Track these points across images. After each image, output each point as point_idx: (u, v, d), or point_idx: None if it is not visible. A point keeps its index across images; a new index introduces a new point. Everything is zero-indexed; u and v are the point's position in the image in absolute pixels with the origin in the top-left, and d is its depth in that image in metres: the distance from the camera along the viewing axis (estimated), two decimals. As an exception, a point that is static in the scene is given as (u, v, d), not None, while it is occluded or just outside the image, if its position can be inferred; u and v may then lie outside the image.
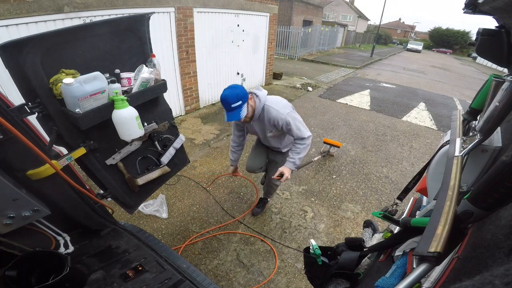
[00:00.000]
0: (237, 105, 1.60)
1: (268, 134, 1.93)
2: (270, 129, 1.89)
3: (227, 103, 1.59)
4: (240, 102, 1.61)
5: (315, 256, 1.14)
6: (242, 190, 3.04)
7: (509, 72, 1.04)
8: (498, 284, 0.19)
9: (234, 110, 1.61)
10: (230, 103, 1.59)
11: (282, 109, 1.80)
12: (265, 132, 1.92)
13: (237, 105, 1.60)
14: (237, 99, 1.60)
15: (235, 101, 1.59)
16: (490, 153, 0.86)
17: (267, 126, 1.88)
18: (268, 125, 1.87)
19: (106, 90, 1.32)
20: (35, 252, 1.20)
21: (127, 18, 1.57)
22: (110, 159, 1.55)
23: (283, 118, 1.79)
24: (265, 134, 1.94)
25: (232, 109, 1.60)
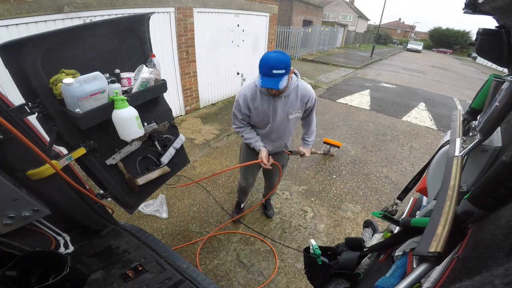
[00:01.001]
0: (280, 73, 1.40)
1: (291, 115, 1.75)
2: (296, 108, 1.73)
3: (270, 66, 1.39)
4: (284, 71, 1.40)
5: (315, 256, 1.14)
6: (242, 190, 3.04)
7: (509, 72, 1.04)
8: (498, 284, 0.19)
9: (274, 77, 1.41)
10: (272, 67, 1.38)
11: None
12: (287, 113, 1.73)
13: (280, 73, 1.40)
14: (282, 66, 1.39)
15: (280, 68, 1.39)
16: (490, 153, 0.86)
17: (294, 105, 1.71)
18: (296, 103, 1.71)
19: (106, 90, 1.32)
20: (35, 252, 1.20)
21: (127, 18, 1.57)
22: (110, 159, 1.55)
23: (314, 95, 1.76)
24: (286, 117, 1.74)
25: (272, 75, 1.40)
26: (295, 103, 1.71)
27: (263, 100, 1.67)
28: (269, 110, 1.69)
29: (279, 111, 1.71)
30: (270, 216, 2.59)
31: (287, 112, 1.72)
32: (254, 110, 1.73)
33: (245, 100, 1.70)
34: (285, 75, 1.43)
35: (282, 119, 1.75)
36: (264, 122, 1.78)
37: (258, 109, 1.71)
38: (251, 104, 1.70)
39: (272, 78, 1.41)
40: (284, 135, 1.89)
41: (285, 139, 1.93)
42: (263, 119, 1.76)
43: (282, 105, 1.69)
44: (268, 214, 2.61)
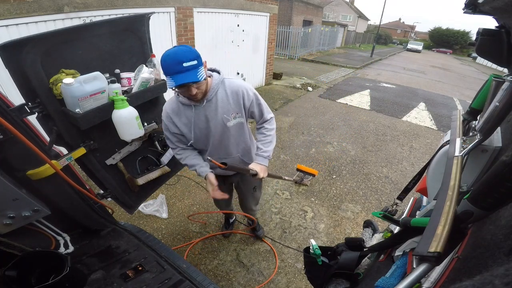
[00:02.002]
0: (192, 64, 1.10)
1: (230, 122, 1.36)
2: (232, 111, 1.35)
3: (177, 60, 1.08)
4: (196, 62, 1.11)
5: (315, 256, 1.14)
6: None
7: (509, 72, 1.04)
8: (498, 284, 0.19)
9: (189, 71, 1.11)
10: (181, 61, 1.08)
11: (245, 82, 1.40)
12: (222, 121, 1.35)
13: (192, 64, 1.10)
14: (191, 56, 1.10)
15: (190, 58, 1.10)
16: (490, 153, 0.86)
17: (228, 108, 1.34)
18: (229, 106, 1.34)
19: (106, 90, 1.32)
20: (35, 252, 1.20)
21: (127, 18, 1.57)
22: (110, 159, 1.55)
23: (249, 89, 1.38)
24: (223, 125, 1.36)
25: (184, 69, 1.09)
26: (228, 106, 1.34)
27: (186, 113, 1.33)
28: (199, 122, 1.34)
29: (212, 121, 1.34)
30: (261, 236, 2.31)
31: (222, 119, 1.35)
32: (184, 127, 1.36)
33: (168, 117, 1.35)
34: (200, 66, 1.14)
35: (220, 130, 1.38)
36: (204, 138, 1.41)
37: (188, 125, 1.36)
38: (177, 121, 1.35)
39: (184, 73, 1.10)
40: (232, 148, 1.49)
41: (236, 153, 1.52)
42: (198, 137, 1.40)
43: (211, 112, 1.33)
44: (258, 235, 2.31)
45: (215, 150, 1.46)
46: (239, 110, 1.38)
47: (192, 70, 1.11)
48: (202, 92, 1.24)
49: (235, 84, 1.36)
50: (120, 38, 1.48)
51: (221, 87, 1.34)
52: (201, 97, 1.27)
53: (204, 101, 1.30)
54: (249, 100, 1.38)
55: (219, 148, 1.46)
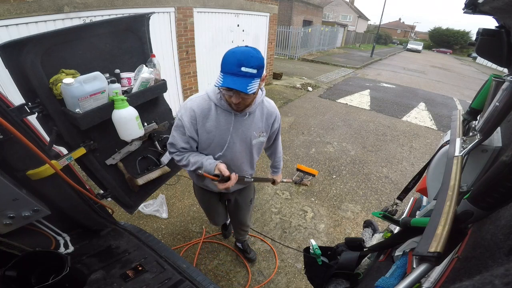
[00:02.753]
0: (250, 72, 0.98)
1: (255, 140, 1.32)
2: (261, 130, 1.32)
3: (238, 62, 0.97)
4: (256, 72, 1.00)
5: (315, 256, 1.14)
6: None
7: (509, 72, 1.04)
8: (498, 284, 0.19)
9: (242, 77, 0.99)
10: (242, 64, 0.97)
11: None
12: (250, 137, 1.29)
13: (250, 72, 0.98)
14: (255, 64, 0.99)
15: (252, 65, 0.98)
16: (490, 153, 0.86)
17: (258, 126, 1.30)
18: (260, 124, 1.31)
19: (106, 90, 1.32)
20: (35, 252, 1.20)
21: (127, 18, 1.57)
22: (110, 159, 1.55)
23: (279, 115, 1.39)
24: (249, 142, 1.30)
25: (240, 73, 0.98)
26: (259, 124, 1.30)
27: (220, 118, 1.20)
28: (227, 132, 1.22)
29: (241, 134, 1.25)
30: (254, 259, 2.15)
31: (251, 135, 1.28)
32: (204, 133, 1.22)
33: (193, 117, 1.19)
34: (257, 78, 1.02)
35: (243, 145, 1.30)
36: (216, 149, 1.27)
37: (211, 133, 1.22)
38: (201, 124, 1.20)
39: (239, 77, 0.98)
40: (244, 166, 1.40)
41: (245, 171, 1.43)
42: (216, 145, 1.26)
43: (246, 126, 1.25)
44: (250, 257, 2.14)
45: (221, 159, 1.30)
46: (265, 131, 1.34)
47: (247, 78, 1.00)
48: (245, 105, 1.15)
49: (272, 105, 1.35)
50: (120, 38, 1.48)
51: (260, 105, 1.29)
52: (241, 110, 1.18)
53: (247, 114, 1.23)
54: (277, 124, 1.39)
55: (230, 164, 1.31)
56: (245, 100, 1.10)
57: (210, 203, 1.67)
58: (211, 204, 1.68)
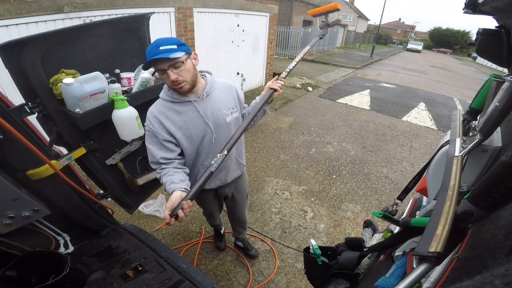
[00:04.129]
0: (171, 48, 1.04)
1: (229, 117, 1.29)
2: (230, 105, 1.30)
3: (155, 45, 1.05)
4: (175, 47, 1.05)
5: (315, 256, 1.14)
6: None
7: (509, 72, 1.04)
8: (498, 284, 0.19)
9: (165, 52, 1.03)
10: (159, 45, 1.04)
11: None
12: (222, 115, 1.26)
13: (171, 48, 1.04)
14: (171, 42, 1.06)
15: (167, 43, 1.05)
16: (490, 153, 0.86)
17: (227, 102, 1.29)
18: (229, 100, 1.30)
19: (106, 90, 1.32)
20: (35, 252, 1.20)
21: (127, 18, 1.57)
22: (110, 159, 1.55)
23: (233, 83, 1.38)
24: (224, 120, 1.27)
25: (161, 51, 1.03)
26: (225, 101, 1.29)
27: (183, 110, 1.20)
28: (198, 118, 1.21)
29: (211, 116, 1.24)
30: (256, 256, 2.17)
31: (222, 114, 1.27)
32: (178, 131, 1.20)
33: (158, 122, 1.18)
34: (179, 51, 1.06)
35: (219, 127, 1.27)
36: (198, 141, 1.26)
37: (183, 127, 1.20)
38: (169, 124, 1.18)
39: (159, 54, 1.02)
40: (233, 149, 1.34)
41: (235, 155, 1.44)
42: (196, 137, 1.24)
43: (211, 106, 1.24)
44: (252, 254, 2.17)
45: (211, 154, 1.29)
46: (235, 105, 1.33)
47: (168, 52, 1.03)
48: (186, 80, 1.12)
49: (224, 80, 1.36)
50: (120, 38, 1.48)
51: (217, 84, 1.30)
52: (188, 88, 1.15)
53: (204, 95, 1.22)
54: (241, 93, 1.40)
55: (216, 150, 1.26)
56: (181, 74, 1.10)
57: (206, 201, 1.64)
58: (209, 203, 1.66)
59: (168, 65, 1.06)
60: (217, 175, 1.43)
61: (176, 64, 1.07)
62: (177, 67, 1.08)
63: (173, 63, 1.06)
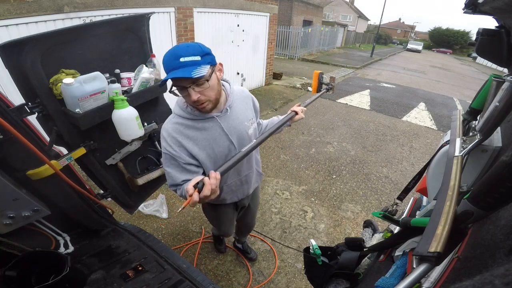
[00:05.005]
0: (192, 60, 0.88)
1: (250, 129, 1.20)
2: (251, 117, 1.23)
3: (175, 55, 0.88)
4: (198, 58, 0.90)
5: (315, 256, 1.14)
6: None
7: (509, 72, 1.04)
8: (498, 284, 0.19)
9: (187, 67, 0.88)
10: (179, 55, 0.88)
11: None
12: (245, 129, 1.18)
13: (192, 60, 0.88)
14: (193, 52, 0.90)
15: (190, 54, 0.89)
16: (490, 153, 0.86)
17: (248, 114, 1.22)
18: (246, 111, 1.21)
19: (106, 90, 1.32)
20: (35, 252, 1.20)
21: (127, 18, 1.57)
22: (110, 159, 1.55)
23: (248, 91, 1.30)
24: (246, 133, 1.18)
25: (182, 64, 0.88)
26: (245, 113, 1.20)
27: (205, 127, 1.07)
28: (223, 136, 1.11)
29: (234, 131, 1.14)
30: (255, 259, 2.16)
31: (245, 127, 1.18)
32: (201, 152, 1.08)
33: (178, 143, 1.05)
34: (203, 64, 0.90)
35: (244, 139, 1.18)
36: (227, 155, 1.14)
37: (207, 147, 1.09)
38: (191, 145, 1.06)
39: (181, 68, 0.88)
40: (253, 161, 1.34)
41: (255, 166, 1.39)
42: (221, 155, 1.13)
43: (234, 121, 1.13)
44: (251, 257, 2.15)
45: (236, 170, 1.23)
46: (253, 115, 1.26)
47: (190, 67, 0.88)
48: (210, 100, 0.98)
49: (241, 89, 1.25)
50: (120, 38, 1.48)
51: (237, 94, 1.19)
52: (211, 108, 1.02)
53: (227, 109, 1.10)
54: (256, 102, 1.32)
55: (240, 167, 1.22)
56: (205, 93, 0.95)
57: (226, 216, 1.52)
58: (228, 217, 1.54)
59: (190, 83, 0.91)
60: (240, 189, 1.34)
61: (199, 82, 0.91)
62: (200, 85, 0.92)
63: (195, 82, 0.91)
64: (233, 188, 1.31)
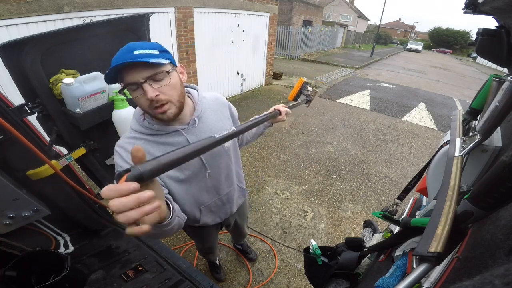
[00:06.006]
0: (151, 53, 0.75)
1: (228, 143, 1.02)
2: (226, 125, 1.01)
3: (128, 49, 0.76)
4: (158, 52, 0.77)
5: (315, 256, 1.14)
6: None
7: (509, 72, 1.04)
8: (498, 284, 0.19)
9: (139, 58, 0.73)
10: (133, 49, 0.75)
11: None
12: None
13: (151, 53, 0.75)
14: (150, 46, 0.77)
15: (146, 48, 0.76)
16: (490, 153, 0.86)
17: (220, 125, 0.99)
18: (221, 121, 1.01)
19: (106, 90, 1.32)
20: (35, 252, 1.20)
21: (127, 18, 1.57)
22: (110, 159, 1.55)
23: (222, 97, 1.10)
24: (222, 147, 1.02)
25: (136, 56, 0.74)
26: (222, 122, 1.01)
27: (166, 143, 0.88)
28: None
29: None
30: (255, 259, 2.15)
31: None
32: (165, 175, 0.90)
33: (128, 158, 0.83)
34: (161, 57, 0.76)
35: (220, 156, 1.01)
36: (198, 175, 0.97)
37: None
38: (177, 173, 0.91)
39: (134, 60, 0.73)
40: (233, 176, 1.14)
41: (237, 182, 1.20)
42: (193, 176, 0.96)
43: (204, 134, 0.93)
44: (251, 257, 2.14)
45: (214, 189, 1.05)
46: (230, 125, 1.03)
47: (145, 56, 0.73)
48: (171, 101, 0.80)
49: (214, 95, 1.05)
50: (120, 38, 1.48)
51: (208, 103, 1.00)
52: (174, 113, 0.82)
53: (195, 120, 0.91)
54: (234, 110, 1.12)
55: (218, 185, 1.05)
56: (165, 91, 0.77)
57: (209, 235, 1.39)
58: (211, 236, 1.42)
59: (146, 77, 0.74)
60: (221, 209, 1.18)
61: (157, 76, 0.75)
62: (158, 80, 0.76)
63: (153, 73, 0.74)
64: (213, 209, 1.13)
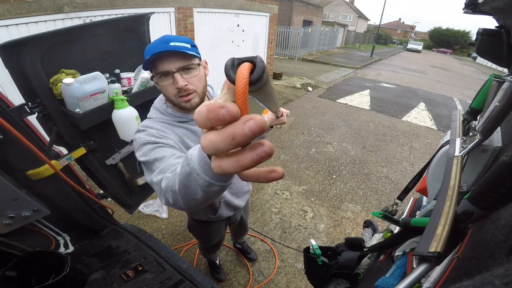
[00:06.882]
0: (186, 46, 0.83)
1: None
2: None
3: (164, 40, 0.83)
4: (190, 47, 0.85)
5: (315, 256, 1.14)
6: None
7: (509, 72, 1.04)
8: (498, 284, 0.19)
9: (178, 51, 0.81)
10: (169, 40, 0.82)
11: None
12: None
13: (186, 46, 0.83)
14: (184, 40, 0.85)
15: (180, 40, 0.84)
16: (490, 153, 0.86)
17: None
18: None
19: (106, 90, 1.32)
20: (35, 252, 1.20)
21: (127, 18, 1.57)
22: (110, 159, 1.55)
23: None
24: None
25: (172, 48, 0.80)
26: None
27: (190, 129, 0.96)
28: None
29: None
30: (255, 259, 2.15)
31: None
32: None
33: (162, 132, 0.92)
34: (192, 50, 0.84)
35: None
36: None
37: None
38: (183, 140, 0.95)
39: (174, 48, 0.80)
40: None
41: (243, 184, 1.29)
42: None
43: None
44: (251, 257, 2.15)
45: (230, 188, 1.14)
46: None
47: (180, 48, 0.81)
48: (196, 91, 0.88)
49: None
50: (120, 38, 1.48)
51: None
52: (197, 103, 0.89)
53: None
54: None
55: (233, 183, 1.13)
56: (193, 82, 0.85)
57: (217, 231, 1.44)
58: (219, 232, 1.47)
59: (178, 67, 0.82)
60: (234, 202, 1.23)
61: (189, 66, 0.83)
62: (189, 71, 0.84)
63: (185, 64, 0.82)
64: (229, 202, 1.22)
